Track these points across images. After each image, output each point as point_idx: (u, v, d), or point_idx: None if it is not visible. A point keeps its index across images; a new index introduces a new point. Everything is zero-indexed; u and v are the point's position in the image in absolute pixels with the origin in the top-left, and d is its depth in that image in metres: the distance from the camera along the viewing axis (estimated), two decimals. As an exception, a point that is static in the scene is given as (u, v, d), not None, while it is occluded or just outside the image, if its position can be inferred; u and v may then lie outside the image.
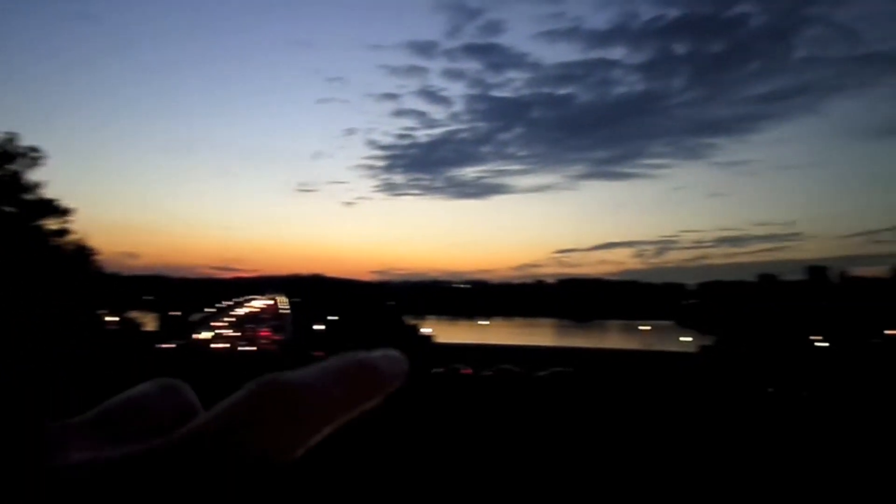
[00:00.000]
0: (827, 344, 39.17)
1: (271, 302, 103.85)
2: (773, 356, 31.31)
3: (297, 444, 0.21)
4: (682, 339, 59.92)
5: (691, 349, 46.80)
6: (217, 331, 53.59)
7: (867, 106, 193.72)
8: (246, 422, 0.20)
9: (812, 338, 41.70)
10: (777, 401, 19.92)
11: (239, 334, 51.10)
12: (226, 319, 65.78)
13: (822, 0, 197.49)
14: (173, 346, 34.42)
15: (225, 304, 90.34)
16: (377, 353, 0.24)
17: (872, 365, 30.53)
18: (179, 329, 48.65)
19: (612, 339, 78.31)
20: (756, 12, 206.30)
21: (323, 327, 53.07)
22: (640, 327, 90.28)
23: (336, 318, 57.25)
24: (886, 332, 65.61)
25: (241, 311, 78.97)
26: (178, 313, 57.70)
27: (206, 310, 75.70)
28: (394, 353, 0.24)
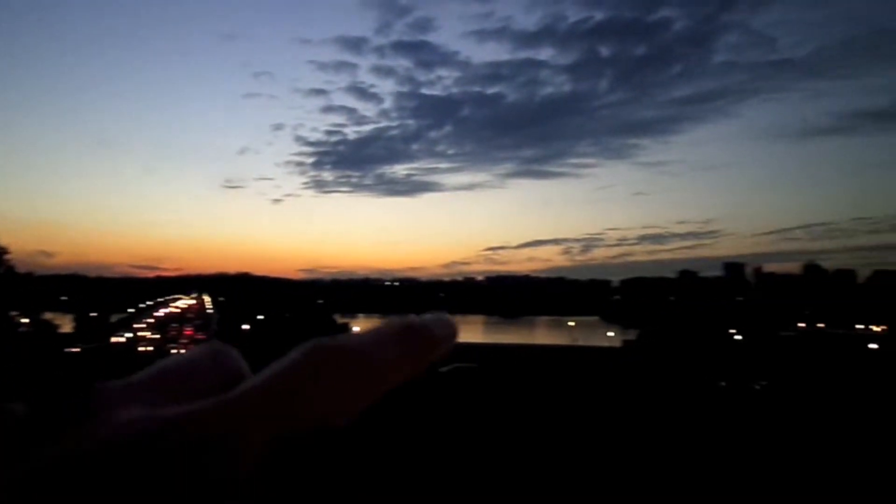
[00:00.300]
0: (740, 337, 40.85)
1: (196, 301, 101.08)
2: (693, 349, 32.48)
3: (350, 407, 0.21)
4: (607, 333, 61.46)
5: (615, 343, 48.16)
6: (137, 332, 51.80)
7: (781, 110, 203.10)
8: (300, 384, 0.20)
9: (730, 331, 43.37)
10: (702, 393, 20.66)
11: (159, 336, 49.49)
12: (147, 320, 63.62)
13: (739, 7, 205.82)
14: (82, 348, 33.00)
15: (147, 304, 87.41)
16: (429, 316, 0.24)
17: (783, 356, 32.07)
18: (97, 331, 46.81)
19: (539, 334, 79.55)
20: (678, 17, 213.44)
21: (249, 327, 52.05)
22: (568, 323, 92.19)
23: (263, 317, 56.26)
24: (799, 325, 69.07)
25: (163, 312, 76.32)
26: (97, 314, 55.53)
27: (128, 310, 73.11)
28: (444, 315, 0.24)
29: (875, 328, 55.25)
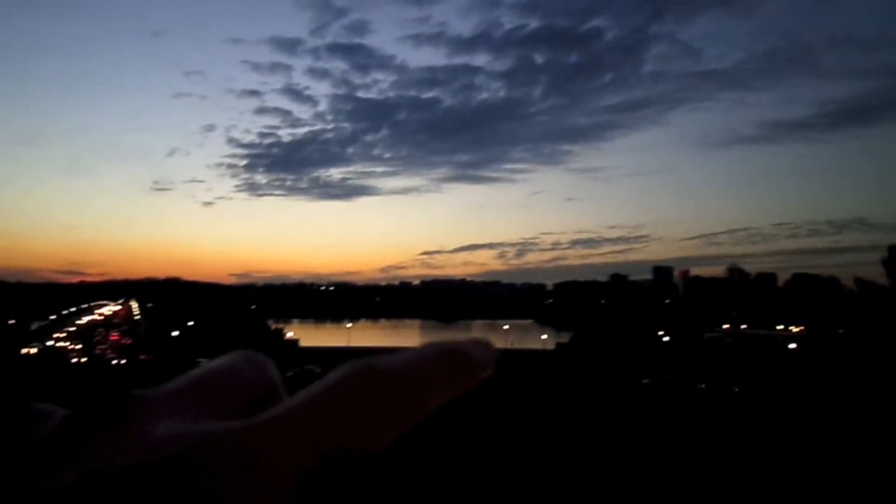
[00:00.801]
0: (668, 339, 42.07)
1: (122, 308, 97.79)
2: (623, 351, 33.27)
3: (390, 432, 0.20)
4: (541, 336, 62.35)
5: (549, 346, 48.92)
6: (57, 342, 49.70)
7: (706, 119, 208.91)
8: (341, 406, 0.20)
9: (658, 333, 44.60)
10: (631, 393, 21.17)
11: (80, 346, 47.61)
12: (69, 328, 61.14)
13: (667, 19, 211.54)
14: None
15: (70, 310, 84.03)
16: (467, 340, 0.23)
17: (707, 357, 33.17)
18: (16, 340, 44.76)
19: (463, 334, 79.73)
20: (609, 27, 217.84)
21: (178, 333, 50.69)
22: (503, 326, 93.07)
23: (193, 323, 54.92)
24: (724, 326, 71.56)
25: (87, 319, 73.46)
26: (16, 321, 53.15)
27: (49, 317, 70.16)
28: (484, 340, 0.24)
29: (794, 329, 57.64)
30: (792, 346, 40.03)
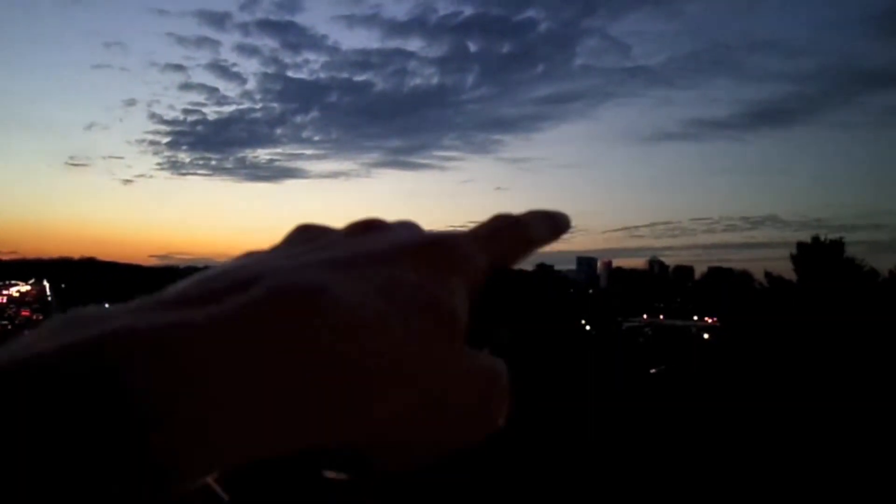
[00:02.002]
0: (589, 328, 43.20)
1: (33, 288, 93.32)
2: (547, 340, 33.99)
3: (520, 256, 0.30)
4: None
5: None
6: None
7: (633, 114, 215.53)
8: (496, 234, 0.29)
9: (581, 321, 45.64)
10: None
11: None
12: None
13: (599, 14, 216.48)
14: None
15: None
16: (557, 211, 0.34)
17: (622, 346, 34.24)
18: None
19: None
20: (542, 19, 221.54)
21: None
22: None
23: (109, 305, 53.00)
24: (643, 316, 73.78)
25: (-5, 299, 69.91)
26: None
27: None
28: (564, 212, 0.34)
29: (708, 319, 59.83)
30: (706, 335, 41.72)
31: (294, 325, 0.20)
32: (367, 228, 0.29)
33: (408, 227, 0.30)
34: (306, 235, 0.30)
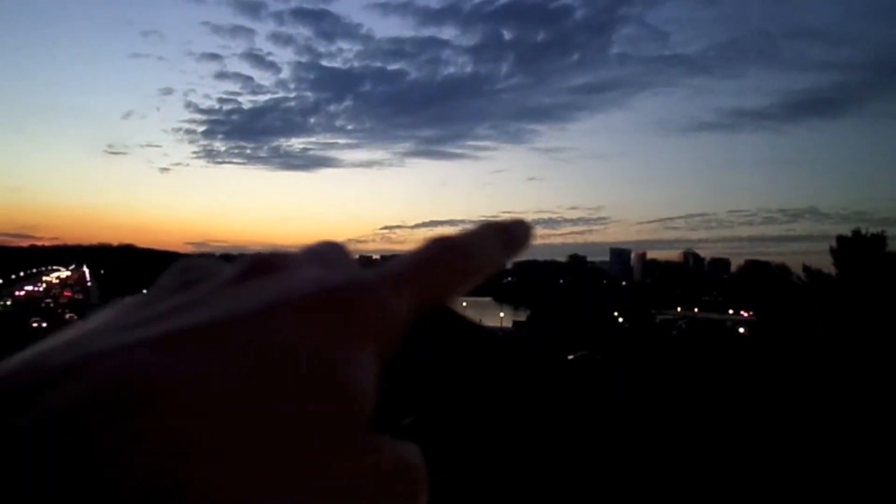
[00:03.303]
0: (622, 320, 42.87)
1: (74, 273, 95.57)
2: (579, 330, 33.82)
3: (459, 290, 0.25)
4: (499, 314, 62.96)
5: (506, 324, 49.45)
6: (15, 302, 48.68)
7: (670, 103, 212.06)
8: (428, 265, 0.24)
9: (614, 314, 45.39)
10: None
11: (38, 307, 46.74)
12: (18, 293, 59.68)
13: (636, 1, 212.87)
14: None
15: (19, 274, 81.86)
16: (513, 219, 0.29)
17: (656, 340, 33.89)
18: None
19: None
20: (578, 6, 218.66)
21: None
22: (462, 303, 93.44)
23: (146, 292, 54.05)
24: (677, 309, 73.12)
25: (30, 287, 71.62)
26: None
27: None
28: (524, 220, 0.29)
29: (744, 313, 59.11)
30: (741, 330, 41.18)
31: (108, 443, 0.15)
32: (260, 271, 0.22)
33: (317, 265, 0.24)
34: (180, 281, 0.23)
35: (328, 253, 0.26)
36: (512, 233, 0.28)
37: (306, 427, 0.17)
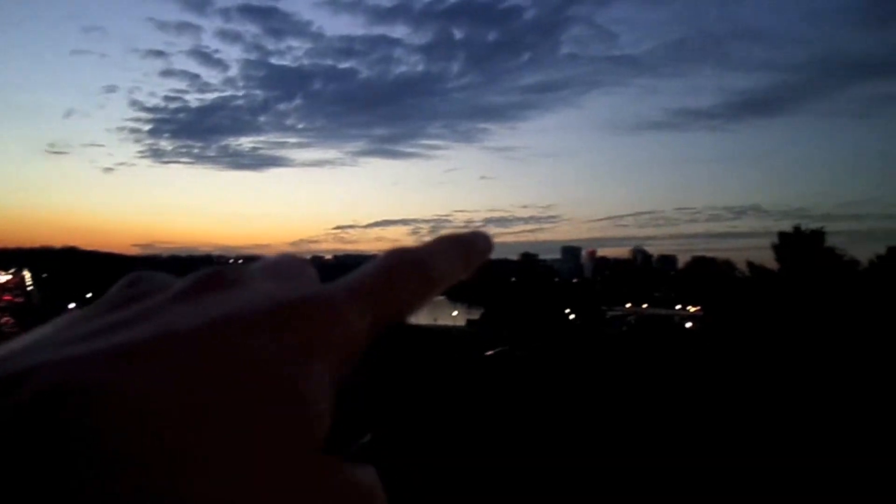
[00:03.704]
0: (574, 316, 43.48)
1: (13, 277, 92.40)
2: (531, 327, 34.14)
3: (418, 304, 0.24)
4: (452, 312, 63.21)
5: (460, 322, 49.73)
6: None
7: (619, 103, 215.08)
8: (387, 278, 0.23)
9: (565, 311, 45.91)
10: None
11: None
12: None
13: (585, 1, 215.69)
14: None
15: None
16: (473, 232, 0.29)
17: (605, 336, 34.45)
18: None
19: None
20: (528, 6, 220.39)
21: (75, 306, 48.52)
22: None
23: (92, 295, 52.68)
24: (626, 305, 74.46)
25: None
26: None
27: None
28: (484, 232, 0.29)
29: (691, 309, 60.47)
30: (689, 325, 42.17)
31: (54, 448, 0.14)
32: (211, 285, 0.22)
33: (273, 279, 0.24)
34: (130, 293, 0.22)
35: (285, 266, 0.25)
36: (471, 245, 0.28)
37: (255, 443, 0.17)
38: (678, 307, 68.51)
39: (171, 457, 0.15)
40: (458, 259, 0.26)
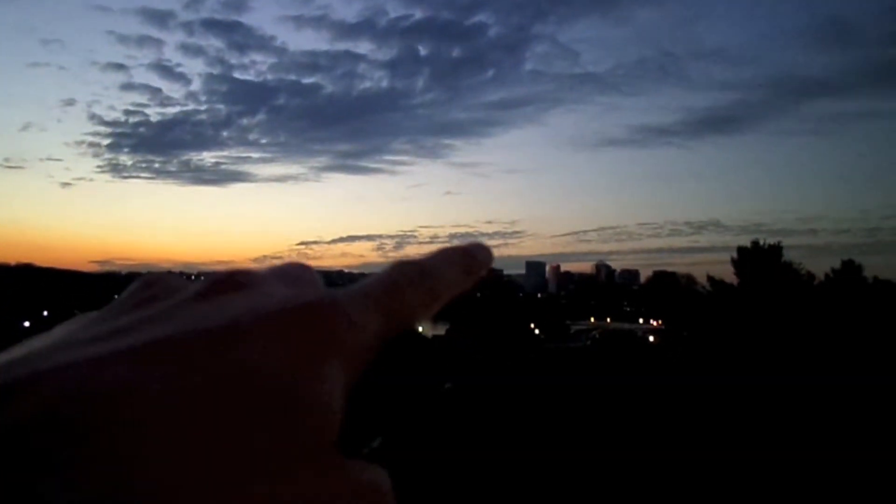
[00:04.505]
0: (538, 331, 43.78)
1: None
2: (497, 343, 34.28)
3: (425, 314, 0.25)
4: (419, 328, 63.06)
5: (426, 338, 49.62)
6: None
7: (582, 120, 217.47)
8: (395, 287, 0.23)
9: (531, 325, 46.20)
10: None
11: None
12: None
13: (549, 20, 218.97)
14: None
15: None
16: (474, 243, 0.29)
17: (572, 351, 34.76)
18: None
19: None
20: (492, 23, 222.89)
21: (30, 324, 47.31)
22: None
23: (47, 313, 51.43)
24: (591, 319, 75.18)
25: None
26: None
27: None
28: (483, 244, 0.30)
29: (654, 322, 61.28)
30: (651, 338, 42.74)
31: (73, 451, 0.15)
32: (226, 287, 0.22)
33: (284, 283, 0.24)
34: (146, 295, 0.23)
35: (294, 272, 0.26)
36: (474, 256, 0.28)
37: (269, 443, 0.17)
38: (641, 321, 69.35)
39: (190, 455, 0.16)
40: (460, 269, 0.27)
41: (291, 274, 0.26)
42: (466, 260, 0.28)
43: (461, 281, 0.27)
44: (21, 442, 0.15)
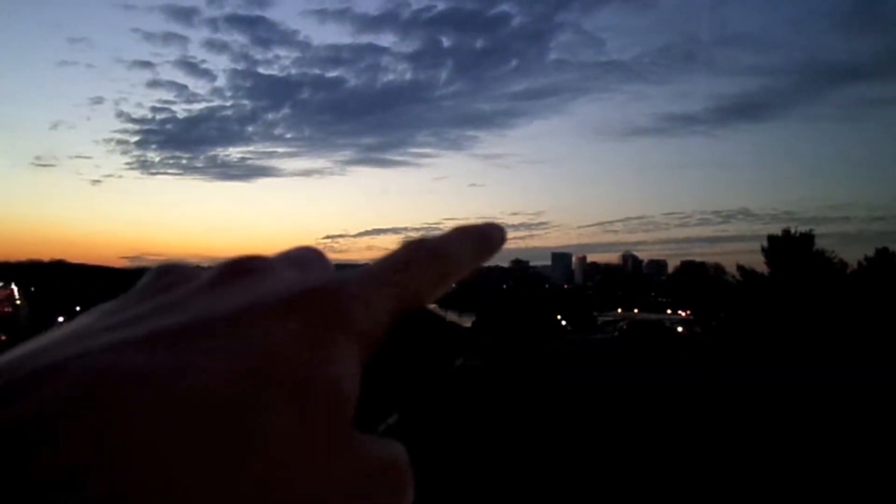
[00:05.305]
0: (565, 322, 43.59)
1: (1, 291, 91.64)
2: (523, 334, 34.17)
3: (437, 291, 0.25)
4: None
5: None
6: None
7: (607, 109, 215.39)
8: (407, 265, 0.24)
9: (557, 316, 46.03)
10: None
11: None
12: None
13: (573, 8, 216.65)
14: None
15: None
16: (487, 223, 0.29)
17: (598, 342, 34.53)
18: None
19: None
20: (516, 13, 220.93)
21: (64, 319, 48.22)
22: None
23: (80, 308, 52.42)
24: (618, 310, 74.71)
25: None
26: None
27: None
28: (496, 223, 0.30)
29: (682, 313, 60.68)
30: (679, 329, 42.30)
31: (100, 437, 0.15)
32: (239, 273, 0.23)
33: (295, 268, 0.25)
34: (160, 284, 0.23)
35: (305, 257, 0.26)
36: (486, 235, 0.28)
37: (289, 425, 0.18)
38: (669, 311, 68.69)
39: (209, 438, 0.16)
40: (473, 248, 0.27)
41: (302, 259, 0.26)
42: (478, 239, 0.28)
43: (473, 259, 0.27)
44: (40, 430, 0.15)
